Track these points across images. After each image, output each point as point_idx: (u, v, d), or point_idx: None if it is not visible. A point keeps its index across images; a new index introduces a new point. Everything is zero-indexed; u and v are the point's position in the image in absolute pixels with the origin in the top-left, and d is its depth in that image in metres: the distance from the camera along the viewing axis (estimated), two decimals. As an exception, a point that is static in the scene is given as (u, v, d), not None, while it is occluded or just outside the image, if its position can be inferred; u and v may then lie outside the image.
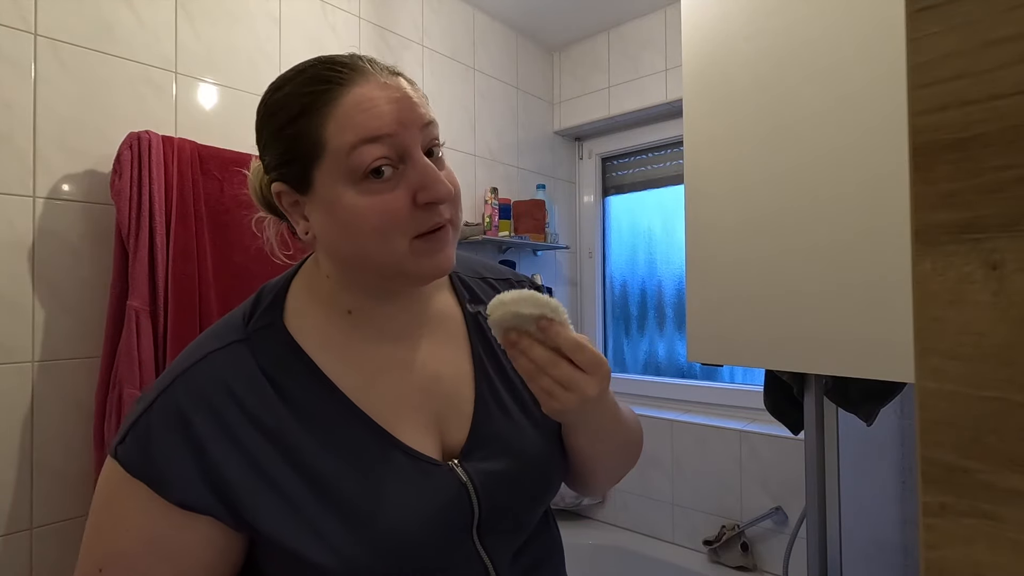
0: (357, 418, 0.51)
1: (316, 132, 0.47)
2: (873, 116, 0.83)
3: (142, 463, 0.46)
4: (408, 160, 0.48)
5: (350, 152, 0.46)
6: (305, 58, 0.52)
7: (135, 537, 0.47)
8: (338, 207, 0.48)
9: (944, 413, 0.23)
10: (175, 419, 0.47)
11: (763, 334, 0.93)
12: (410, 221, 0.48)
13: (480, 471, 0.54)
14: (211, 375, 0.49)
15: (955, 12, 0.23)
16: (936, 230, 0.23)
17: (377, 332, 0.55)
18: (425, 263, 0.50)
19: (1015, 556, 0.21)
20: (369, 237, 0.48)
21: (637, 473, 2.11)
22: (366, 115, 0.46)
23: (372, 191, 0.47)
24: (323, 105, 0.47)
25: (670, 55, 2.10)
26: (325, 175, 0.48)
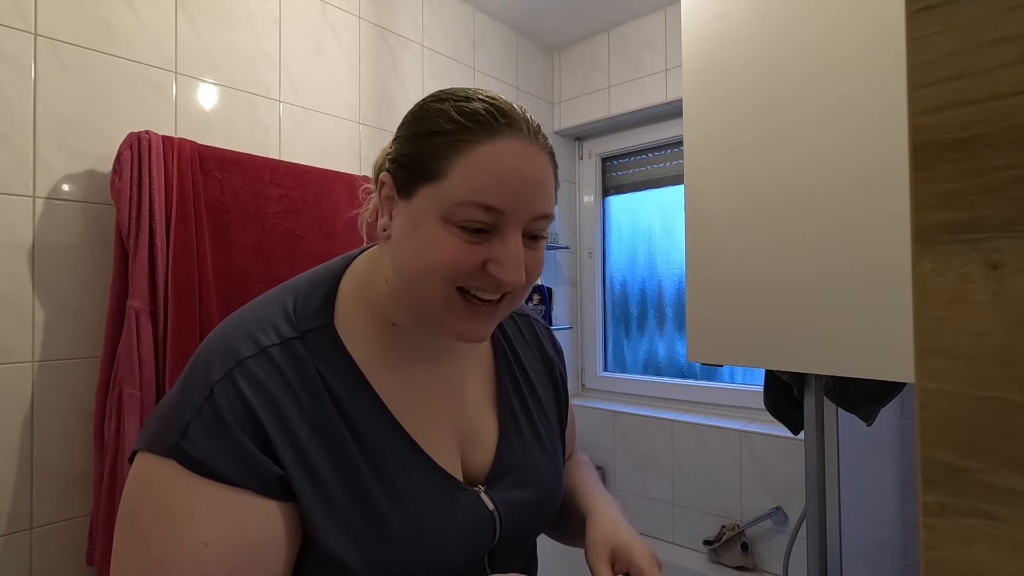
0: (399, 433, 0.52)
1: (443, 161, 0.47)
2: (873, 116, 0.83)
3: (220, 452, 0.44)
4: (501, 234, 0.48)
5: (458, 204, 0.47)
6: (305, 58, 0.53)
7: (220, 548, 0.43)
8: (421, 229, 0.48)
9: (944, 413, 0.23)
10: (241, 408, 0.46)
11: (763, 334, 0.93)
12: (465, 275, 0.48)
13: (504, 500, 0.56)
14: (270, 371, 0.48)
15: (955, 12, 0.23)
16: (936, 230, 0.23)
17: (415, 350, 0.55)
18: (455, 323, 0.50)
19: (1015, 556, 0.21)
20: (428, 270, 0.48)
21: (637, 473, 2.11)
22: (491, 181, 0.47)
23: (455, 236, 0.47)
24: (463, 142, 0.47)
25: (670, 55, 2.10)
26: (428, 198, 0.48)
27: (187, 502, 0.43)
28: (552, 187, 0.52)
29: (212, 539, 0.43)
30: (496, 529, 0.54)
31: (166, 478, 0.44)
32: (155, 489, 0.44)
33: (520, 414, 0.62)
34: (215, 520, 0.43)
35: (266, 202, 1.34)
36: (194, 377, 0.48)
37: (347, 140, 1.65)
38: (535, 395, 0.65)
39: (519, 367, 0.65)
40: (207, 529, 0.43)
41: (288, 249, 1.36)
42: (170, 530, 0.43)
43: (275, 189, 1.35)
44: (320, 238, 1.42)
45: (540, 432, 0.62)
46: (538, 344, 0.70)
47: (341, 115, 1.64)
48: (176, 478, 0.44)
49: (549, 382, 0.68)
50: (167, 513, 0.43)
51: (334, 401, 0.50)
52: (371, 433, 0.51)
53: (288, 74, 1.51)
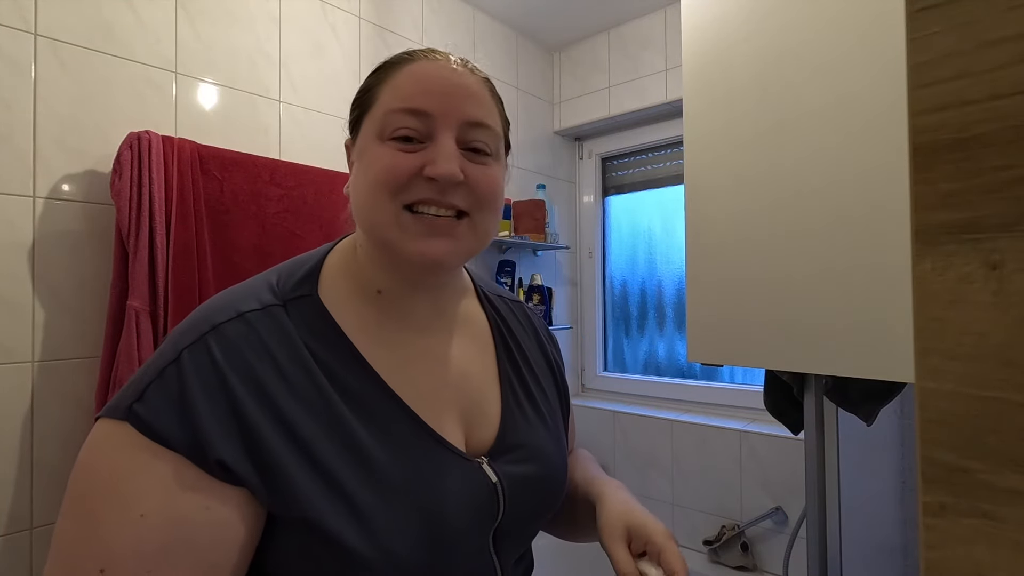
0: (394, 402, 0.50)
1: (375, 90, 0.52)
2: (873, 116, 0.83)
3: (172, 420, 0.41)
4: (434, 139, 0.49)
5: (386, 113, 0.50)
6: (305, 58, 0.54)
7: (155, 522, 0.40)
8: (363, 156, 0.51)
9: (944, 413, 0.23)
10: (210, 373, 0.43)
11: (763, 334, 0.93)
12: (407, 187, 0.48)
13: (507, 473, 0.54)
14: (249, 336, 0.46)
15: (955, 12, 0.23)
16: (936, 230, 0.23)
17: (405, 319, 0.54)
18: (411, 243, 0.49)
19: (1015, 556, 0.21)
20: (370, 189, 0.49)
21: (637, 473, 2.11)
22: (414, 88, 0.50)
23: (389, 147, 0.49)
24: (389, 70, 0.52)
25: (670, 55, 2.10)
26: (367, 127, 0.51)
27: (131, 470, 0.41)
28: (488, 102, 0.53)
29: (149, 512, 0.40)
30: (499, 504, 0.52)
31: (116, 443, 0.42)
32: (104, 453, 0.42)
33: (521, 392, 0.60)
34: (155, 492, 0.40)
35: (266, 202, 1.34)
36: (165, 347, 0.46)
37: (347, 140, 1.65)
38: (535, 376, 0.64)
39: (516, 348, 0.64)
40: (145, 501, 0.40)
41: (288, 249, 1.36)
42: (111, 498, 0.41)
43: (275, 189, 1.35)
44: (320, 238, 1.42)
45: (542, 411, 0.61)
46: (533, 330, 0.69)
47: (341, 115, 1.64)
48: (125, 443, 0.41)
49: (547, 369, 0.67)
50: (111, 480, 0.41)
51: (322, 369, 0.48)
52: (363, 400, 0.48)
53: (288, 74, 1.51)
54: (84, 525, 0.40)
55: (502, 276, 2.07)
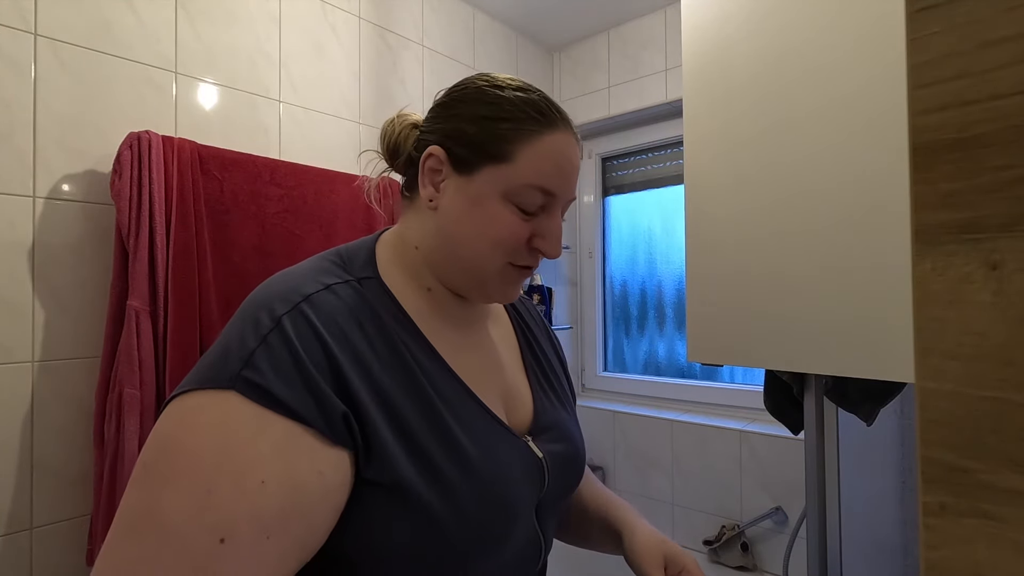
0: (458, 382, 0.53)
1: (511, 145, 0.53)
2: (873, 116, 0.83)
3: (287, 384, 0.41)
4: (548, 212, 0.55)
5: (523, 186, 0.53)
6: (305, 58, 0.54)
7: (274, 488, 0.40)
8: (482, 204, 0.53)
9: (944, 413, 0.23)
10: (313, 339, 0.44)
11: (763, 334, 0.93)
12: (518, 251, 0.55)
13: (548, 450, 0.59)
14: (338, 305, 0.48)
15: (955, 12, 0.23)
16: (936, 230, 0.23)
17: (451, 315, 0.58)
18: (501, 288, 0.57)
19: (1015, 556, 0.21)
20: (488, 241, 0.53)
21: (637, 473, 2.11)
22: (552, 168, 0.53)
23: (513, 213, 0.53)
24: (531, 132, 0.53)
25: (670, 55, 2.10)
26: (491, 176, 0.53)
27: (245, 437, 0.40)
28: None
29: (270, 478, 0.40)
30: (545, 478, 0.57)
31: (223, 412, 0.41)
32: (209, 423, 0.40)
33: (543, 380, 0.66)
34: (273, 458, 0.40)
35: (266, 202, 1.34)
36: (251, 317, 0.45)
37: (347, 140, 1.65)
38: (551, 366, 0.70)
39: (534, 340, 0.70)
40: (264, 467, 0.40)
41: (288, 249, 1.36)
42: (225, 467, 0.39)
43: (275, 189, 1.35)
44: (320, 238, 1.42)
45: (562, 398, 0.67)
46: (543, 325, 0.76)
47: (341, 115, 1.64)
48: (237, 409, 0.41)
49: (558, 360, 0.73)
50: (224, 449, 0.39)
51: (402, 343, 0.51)
52: (437, 376, 0.52)
53: (288, 74, 1.51)
54: (194, 497, 0.38)
55: (502, 276, 2.07)
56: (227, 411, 0.41)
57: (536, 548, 0.57)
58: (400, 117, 0.61)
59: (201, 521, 0.38)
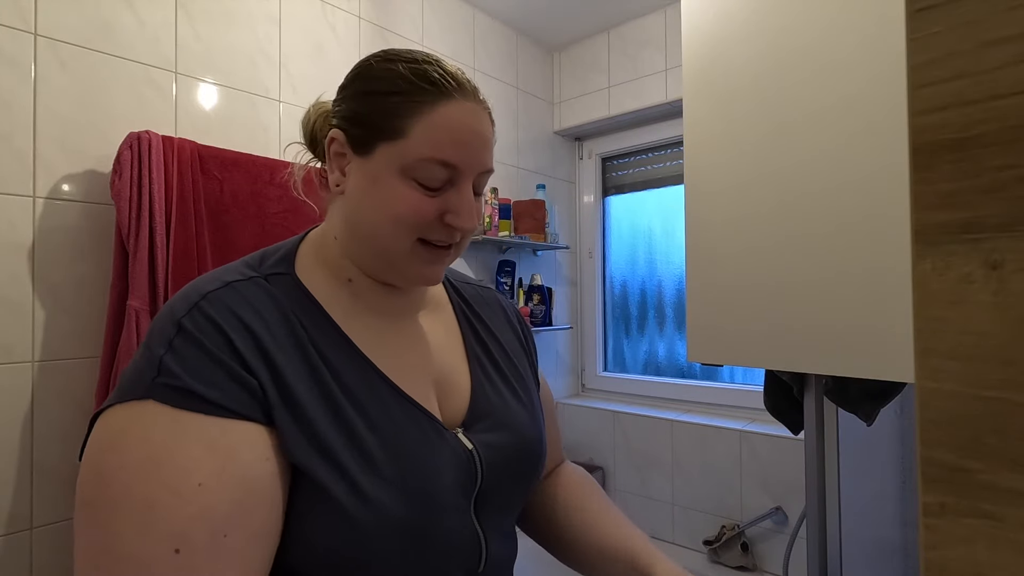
0: (373, 371, 0.52)
1: (403, 120, 0.50)
2: (874, 115, 0.83)
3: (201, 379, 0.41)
4: (456, 186, 0.52)
5: (419, 160, 0.50)
6: (305, 58, 0.54)
7: (216, 485, 0.39)
8: (381, 183, 0.51)
9: (944, 413, 0.23)
10: (213, 328, 0.44)
11: (763, 334, 0.93)
12: (426, 227, 0.52)
13: (482, 442, 0.56)
14: (238, 300, 0.47)
15: (955, 12, 0.23)
16: (936, 230, 0.23)
17: (375, 306, 0.57)
18: (416, 268, 0.54)
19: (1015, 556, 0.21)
20: (389, 220, 0.51)
21: (637, 473, 2.11)
22: (449, 139, 0.50)
23: (414, 189, 0.51)
24: (421, 102, 0.50)
25: (670, 55, 2.10)
26: (388, 154, 0.51)
27: (173, 442, 0.40)
28: (492, 144, 0.56)
29: (207, 478, 0.39)
30: (478, 471, 0.54)
31: (144, 423, 0.40)
32: (131, 439, 0.40)
33: (490, 367, 0.63)
34: (211, 455, 0.40)
35: (266, 202, 1.34)
36: (155, 329, 0.46)
37: (347, 140, 1.65)
38: (505, 354, 0.66)
39: (482, 326, 0.66)
40: (203, 467, 0.39)
41: (288, 249, 1.36)
42: (160, 478, 0.39)
43: (275, 189, 1.35)
44: (320, 238, 1.42)
45: (513, 386, 0.63)
46: (503, 312, 0.72)
47: (341, 115, 1.64)
48: (157, 419, 0.40)
49: (520, 347, 0.70)
50: (150, 460, 0.39)
51: (309, 338, 0.49)
52: (345, 368, 0.50)
53: (288, 74, 1.51)
54: (137, 515, 0.38)
55: (502, 276, 2.07)
56: (148, 422, 0.40)
57: (475, 547, 0.53)
58: (316, 105, 0.59)
59: (151, 537, 0.38)
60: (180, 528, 0.38)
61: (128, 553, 0.38)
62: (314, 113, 0.59)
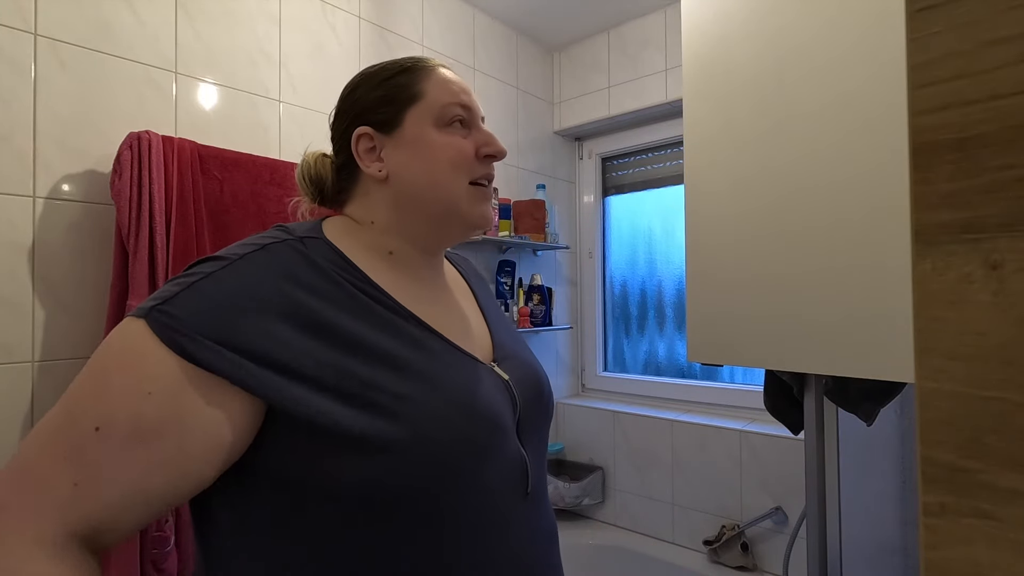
0: (412, 318, 0.56)
1: (416, 85, 0.60)
2: (874, 115, 0.83)
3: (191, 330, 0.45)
4: (475, 127, 0.62)
5: (445, 105, 0.59)
6: (305, 58, 0.56)
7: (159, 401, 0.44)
8: (422, 142, 0.58)
9: (944, 413, 0.23)
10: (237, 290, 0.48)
11: (763, 334, 0.93)
12: (472, 165, 0.60)
13: (513, 374, 0.62)
14: (276, 260, 0.51)
15: (955, 12, 0.23)
16: (936, 230, 0.23)
17: (414, 272, 0.62)
18: (476, 208, 0.60)
19: (1015, 556, 0.21)
20: (444, 167, 0.58)
21: (637, 473, 2.11)
22: (457, 88, 0.61)
23: (452, 133, 0.59)
24: (422, 71, 0.61)
25: (670, 55, 2.10)
26: (417, 116, 0.59)
27: (146, 355, 0.45)
28: None
29: (157, 391, 0.44)
30: (514, 398, 0.59)
31: (132, 333, 0.46)
32: (128, 339, 0.46)
33: (496, 317, 0.72)
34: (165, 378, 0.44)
35: (266, 202, 1.34)
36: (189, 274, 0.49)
37: (347, 140, 1.65)
38: (500, 311, 0.75)
39: (483, 291, 0.75)
40: (155, 382, 0.44)
41: (288, 249, 1.36)
42: (126, 371, 0.45)
43: (275, 189, 1.35)
44: (320, 238, 1.42)
45: (514, 331, 0.73)
46: (481, 278, 0.80)
47: (341, 115, 1.64)
48: (141, 335, 0.45)
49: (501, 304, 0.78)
50: (131, 358, 0.45)
51: (348, 289, 0.53)
52: (387, 316, 0.54)
53: (288, 74, 1.51)
54: (95, 385, 0.45)
55: (502, 276, 2.07)
56: (135, 334, 0.46)
57: (524, 469, 0.57)
58: (308, 155, 0.65)
59: (91, 406, 0.44)
60: (111, 413, 0.44)
61: (71, 405, 0.45)
62: (311, 158, 0.65)
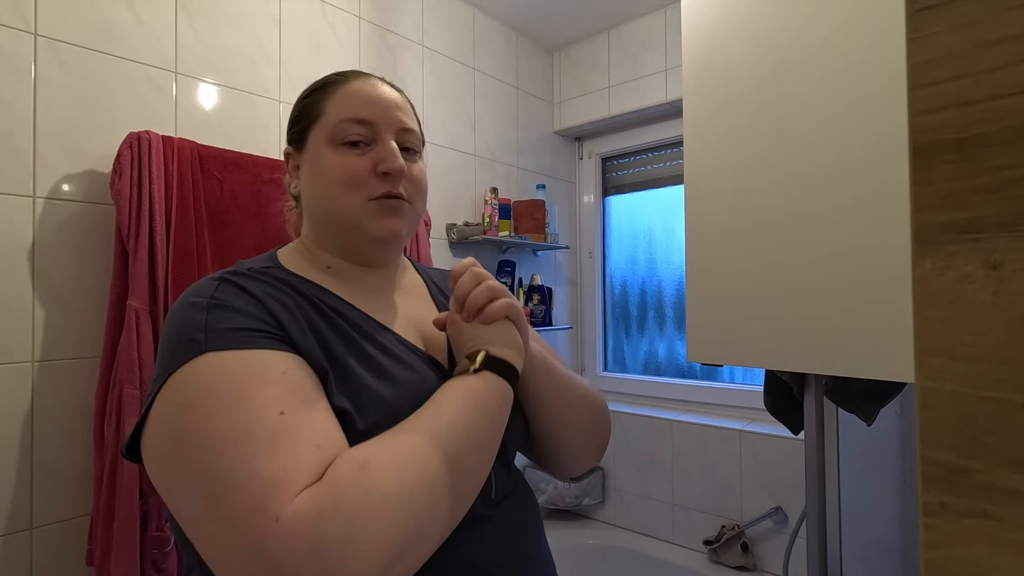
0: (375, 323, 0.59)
1: (320, 104, 0.62)
2: (874, 115, 0.83)
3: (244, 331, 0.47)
4: (378, 141, 0.60)
5: (338, 123, 0.59)
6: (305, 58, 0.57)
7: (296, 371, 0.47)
8: (317, 161, 0.60)
9: (944, 413, 0.23)
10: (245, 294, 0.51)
11: (763, 334, 0.93)
12: (368, 184, 0.59)
13: None
14: (247, 282, 0.53)
15: (955, 12, 0.23)
16: (936, 230, 0.23)
17: (356, 287, 0.63)
18: (375, 223, 0.60)
19: (1015, 556, 0.21)
20: (335, 188, 0.59)
21: (637, 473, 2.11)
22: (358, 102, 0.61)
23: (344, 153, 0.59)
24: (330, 87, 0.62)
25: (670, 55, 2.10)
26: (316, 134, 0.61)
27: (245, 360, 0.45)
28: (410, 111, 0.65)
29: (287, 368, 0.47)
30: None
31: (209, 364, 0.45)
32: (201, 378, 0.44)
33: None
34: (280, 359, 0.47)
35: (266, 202, 1.34)
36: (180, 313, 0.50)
37: (347, 140, 1.65)
38: None
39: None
40: (279, 365, 0.46)
41: (288, 249, 1.36)
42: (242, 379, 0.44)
43: (275, 189, 1.35)
44: (320, 238, 1.42)
45: None
46: None
47: (341, 115, 1.64)
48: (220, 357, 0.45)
49: None
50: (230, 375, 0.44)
51: (307, 298, 0.56)
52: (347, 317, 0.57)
53: (288, 74, 1.51)
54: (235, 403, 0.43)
55: (502, 276, 2.07)
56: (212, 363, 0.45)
57: None
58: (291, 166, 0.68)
59: (255, 411, 0.42)
60: (278, 398, 0.44)
61: (229, 432, 0.41)
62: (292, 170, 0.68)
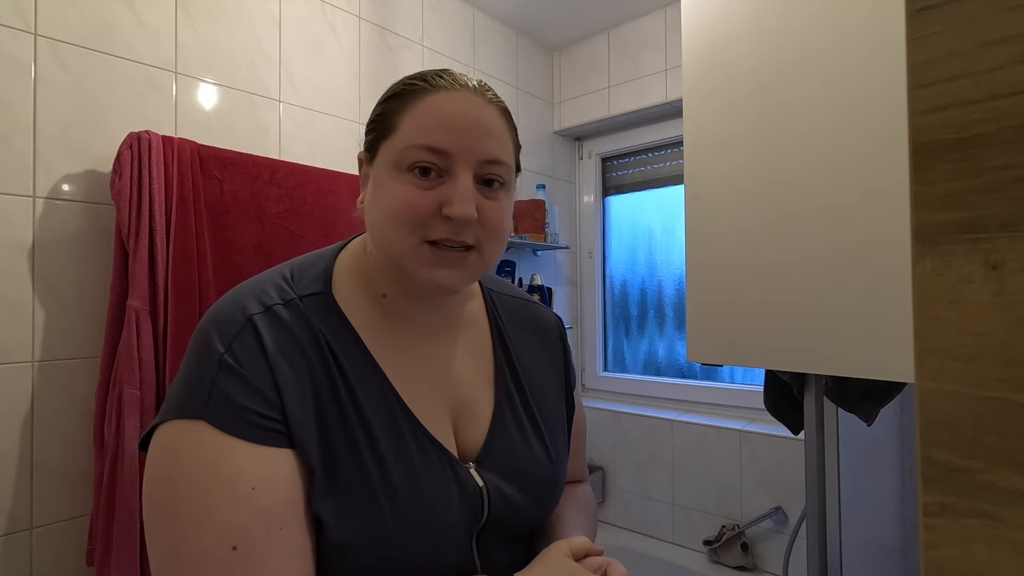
0: (394, 398, 0.52)
1: (395, 116, 0.52)
2: (874, 115, 0.83)
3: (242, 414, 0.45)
4: (452, 175, 0.50)
5: (407, 148, 0.50)
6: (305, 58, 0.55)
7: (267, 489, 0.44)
8: (381, 183, 0.52)
9: (944, 413, 0.23)
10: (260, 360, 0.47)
11: (763, 334, 0.93)
12: (427, 224, 0.50)
13: (493, 483, 0.55)
14: (278, 326, 0.49)
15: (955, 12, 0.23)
16: (936, 230, 0.23)
17: (408, 323, 0.57)
18: (424, 271, 0.51)
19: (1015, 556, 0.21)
20: (390, 221, 0.50)
21: (637, 473, 2.11)
22: (434, 123, 0.50)
23: (408, 183, 0.50)
24: (409, 96, 0.52)
25: (670, 55, 2.10)
26: (385, 153, 0.52)
27: (225, 455, 0.44)
28: (504, 135, 0.54)
29: (258, 482, 0.44)
30: (484, 508, 0.54)
31: (199, 438, 0.44)
32: (190, 449, 0.44)
33: (517, 399, 0.61)
34: (256, 466, 0.44)
35: (266, 202, 1.34)
36: (205, 342, 0.48)
37: (347, 140, 1.65)
38: (534, 379, 0.63)
39: (516, 349, 0.64)
40: (251, 474, 0.44)
41: (288, 249, 1.36)
42: (214, 482, 0.43)
43: (275, 189, 1.35)
44: (320, 238, 1.42)
45: (536, 417, 0.61)
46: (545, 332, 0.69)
47: (341, 115, 1.64)
48: (209, 435, 0.44)
49: (556, 373, 0.67)
50: (208, 467, 0.43)
51: (339, 365, 0.51)
52: (373, 399, 0.51)
53: (288, 74, 1.51)
54: (198, 517, 0.43)
55: (501, 276, 2.06)
56: (202, 438, 0.44)
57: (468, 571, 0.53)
58: None
59: (209, 536, 0.42)
60: (237, 527, 0.43)
61: (190, 551, 0.42)
62: None
